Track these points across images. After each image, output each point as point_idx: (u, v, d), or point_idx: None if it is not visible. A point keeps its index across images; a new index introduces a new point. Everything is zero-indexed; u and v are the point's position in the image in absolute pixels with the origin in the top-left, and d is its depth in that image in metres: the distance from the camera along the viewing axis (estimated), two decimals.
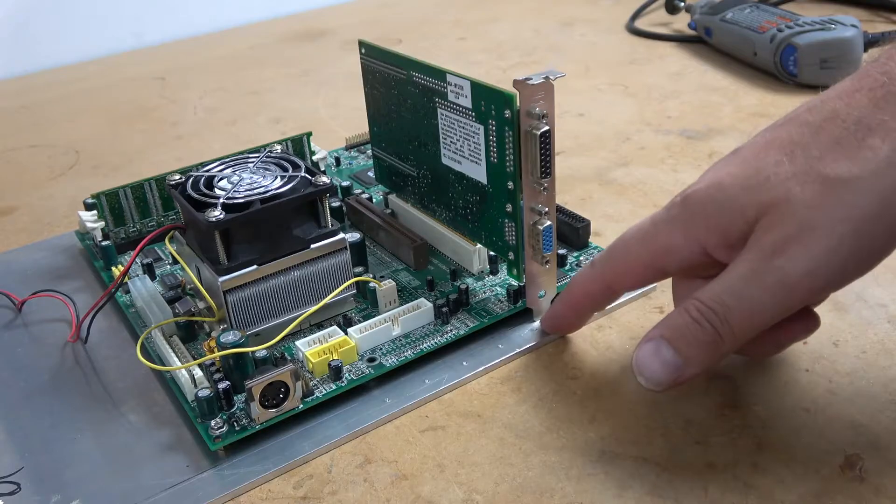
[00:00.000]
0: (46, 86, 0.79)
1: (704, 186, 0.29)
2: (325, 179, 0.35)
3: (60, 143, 0.64)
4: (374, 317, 0.36)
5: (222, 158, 0.38)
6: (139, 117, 0.68)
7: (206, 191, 0.35)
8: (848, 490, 0.28)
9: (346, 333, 0.35)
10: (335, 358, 0.33)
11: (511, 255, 0.36)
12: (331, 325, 0.36)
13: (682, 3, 0.76)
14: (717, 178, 0.29)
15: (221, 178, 0.36)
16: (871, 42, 0.60)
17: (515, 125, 0.32)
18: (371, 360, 0.34)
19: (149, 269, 0.41)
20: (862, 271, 0.27)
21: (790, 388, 0.32)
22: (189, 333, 0.36)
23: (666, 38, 0.75)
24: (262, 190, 0.35)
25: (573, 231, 0.41)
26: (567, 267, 0.40)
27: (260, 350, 0.33)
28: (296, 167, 0.36)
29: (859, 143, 0.26)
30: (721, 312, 0.27)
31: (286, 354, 0.35)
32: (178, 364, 0.33)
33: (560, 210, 0.41)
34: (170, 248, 0.37)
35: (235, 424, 0.31)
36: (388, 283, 0.37)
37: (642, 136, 0.55)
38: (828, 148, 0.26)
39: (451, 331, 0.36)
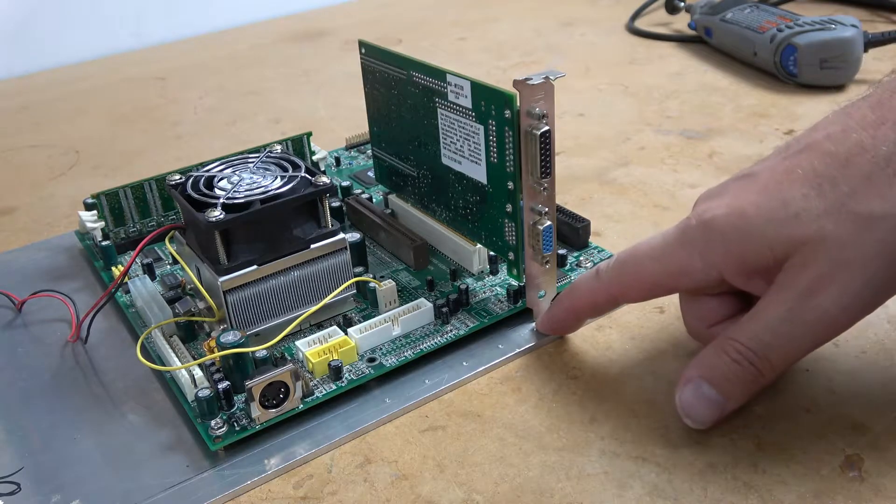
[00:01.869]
0: (46, 86, 0.79)
1: (724, 213, 0.29)
2: (325, 179, 0.35)
3: (60, 143, 0.64)
4: (374, 317, 0.36)
5: (222, 158, 0.38)
6: (139, 117, 0.68)
7: (206, 191, 0.35)
8: (848, 490, 0.28)
9: (346, 333, 0.35)
10: (335, 358, 0.33)
11: (511, 255, 0.36)
12: (331, 325, 0.36)
13: (682, 3, 0.76)
14: (738, 205, 0.28)
15: (221, 178, 0.36)
16: (871, 42, 0.60)
17: (515, 125, 0.32)
18: (371, 360, 0.34)
19: (149, 269, 0.41)
20: (890, 296, 0.27)
21: (790, 388, 0.32)
22: (189, 333, 0.36)
23: (666, 38, 0.75)
24: (262, 190, 0.35)
25: (573, 231, 0.41)
26: (567, 267, 0.40)
27: (260, 350, 0.33)
28: (296, 167, 0.36)
29: (890, 179, 0.26)
30: (761, 351, 0.28)
31: (286, 354, 0.35)
32: (178, 364, 0.33)
33: (560, 210, 0.41)
34: (170, 248, 0.37)
35: (235, 424, 0.31)
36: (388, 283, 0.37)
37: (642, 136, 0.55)
38: (858, 183, 0.26)
39: (451, 331, 0.36)
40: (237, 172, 0.36)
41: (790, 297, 0.27)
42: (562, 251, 0.40)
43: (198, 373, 0.33)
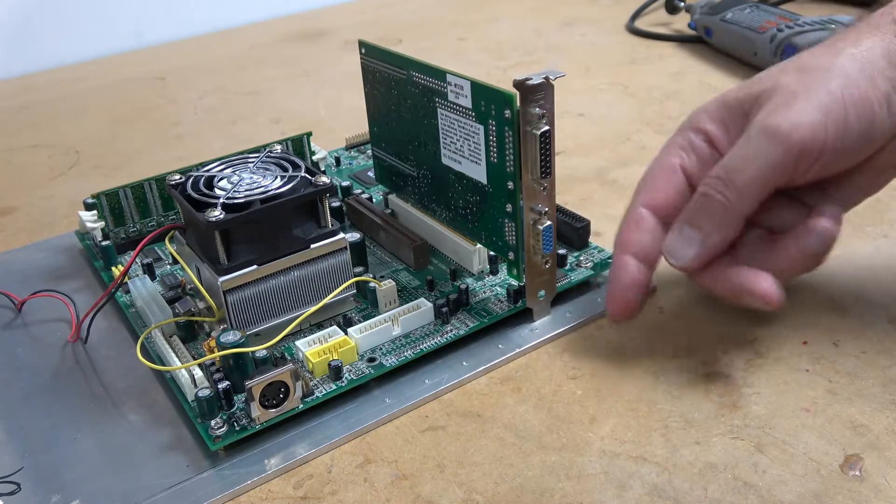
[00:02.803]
0: (46, 86, 0.79)
1: (711, 99, 0.34)
2: (325, 179, 0.35)
3: (60, 143, 0.64)
4: (374, 317, 0.36)
5: (222, 158, 0.38)
6: (139, 117, 0.68)
7: (206, 191, 0.35)
8: (848, 490, 0.28)
9: (346, 333, 0.35)
10: (335, 358, 0.33)
11: (511, 255, 0.36)
12: (331, 325, 0.36)
13: (682, 3, 0.76)
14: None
15: (221, 178, 0.36)
16: None
17: (515, 125, 0.32)
18: (371, 360, 0.34)
19: (149, 269, 0.41)
20: (839, 139, 0.30)
21: (790, 388, 0.32)
22: (189, 333, 0.36)
23: (666, 38, 0.75)
24: (262, 190, 0.35)
25: (573, 231, 0.41)
26: (567, 267, 0.40)
27: (260, 350, 0.33)
28: (296, 167, 0.36)
29: (834, 46, 0.31)
30: (723, 177, 0.31)
31: (286, 354, 0.35)
32: (178, 364, 0.33)
33: (560, 210, 0.41)
34: (170, 248, 0.37)
35: (235, 424, 0.31)
36: (388, 283, 0.37)
37: (642, 136, 0.55)
38: (809, 51, 0.32)
39: (451, 331, 0.36)
40: (237, 172, 0.36)
41: (748, 130, 0.31)
42: (562, 251, 0.40)
43: (198, 373, 0.33)
